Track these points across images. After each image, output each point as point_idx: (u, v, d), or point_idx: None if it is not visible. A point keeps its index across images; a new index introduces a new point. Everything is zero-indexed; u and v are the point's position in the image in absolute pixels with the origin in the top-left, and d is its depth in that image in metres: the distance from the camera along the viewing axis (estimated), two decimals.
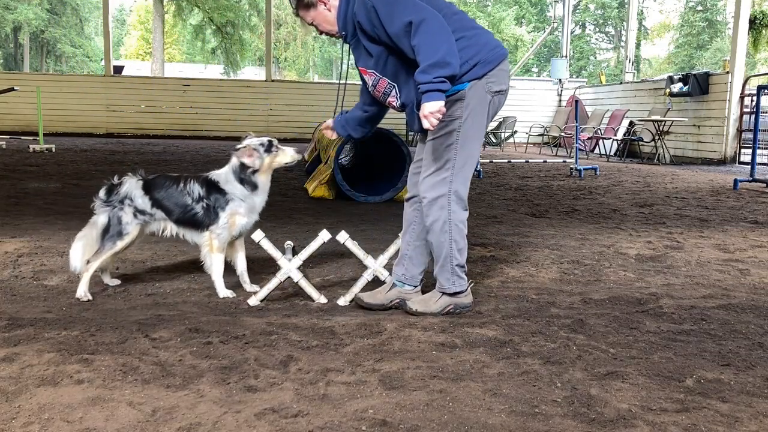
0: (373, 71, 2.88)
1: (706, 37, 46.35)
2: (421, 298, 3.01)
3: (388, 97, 2.92)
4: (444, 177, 2.85)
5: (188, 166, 9.76)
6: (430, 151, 2.88)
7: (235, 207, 3.18)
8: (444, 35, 2.60)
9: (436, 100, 2.59)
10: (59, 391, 2.04)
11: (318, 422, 1.88)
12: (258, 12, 34.60)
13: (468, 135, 2.84)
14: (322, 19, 2.88)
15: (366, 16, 2.72)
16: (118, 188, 3.21)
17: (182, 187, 3.19)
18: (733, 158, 12.64)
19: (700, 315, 2.96)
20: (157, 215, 3.20)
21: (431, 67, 2.57)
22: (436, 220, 2.87)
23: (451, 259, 2.91)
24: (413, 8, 2.63)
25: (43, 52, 48.20)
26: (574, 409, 2.00)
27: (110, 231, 3.16)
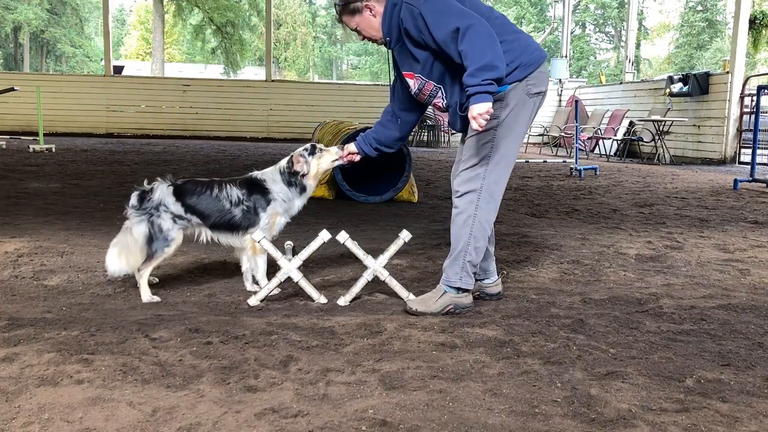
0: (420, 75, 2.95)
1: (706, 37, 46.36)
2: (420, 298, 3.02)
3: (435, 99, 3.01)
4: (478, 173, 2.93)
5: (188, 166, 9.76)
6: (469, 147, 2.97)
7: (276, 207, 3.25)
8: (490, 40, 2.68)
9: (484, 101, 2.67)
10: (59, 391, 2.04)
11: (318, 422, 1.88)
12: (258, 12, 34.61)
13: (505, 134, 2.91)
14: (367, 25, 2.95)
15: (413, 22, 2.80)
16: (150, 195, 3.19)
17: (217, 192, 3.21)
18: (733, 158, 12.63)
19: (700, 315, 2.96)
20: (193, 221, 3.21)
21: (479, 70, 2.64)
22: (461, 212, 2.95)
23: (465, 254, 2.95)
24: (460, 15, 2.71)
25: (43, 52, 48.20)
26: (574, 409, 2.00)
27: (156, 239, 3.14)
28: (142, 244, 3.14)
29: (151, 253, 3.14)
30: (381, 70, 50.90)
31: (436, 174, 9.77)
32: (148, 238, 3.14)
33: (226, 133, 18.08)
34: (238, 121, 18.29)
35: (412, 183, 6.74)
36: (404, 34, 2.87)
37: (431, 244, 4.53)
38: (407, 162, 6.67)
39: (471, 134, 2.95)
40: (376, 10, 2.89)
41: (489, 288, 3.22)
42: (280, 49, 46.60)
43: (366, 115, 18.08)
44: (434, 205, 6.52)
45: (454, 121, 3.05)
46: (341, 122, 9.76)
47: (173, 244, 3.18)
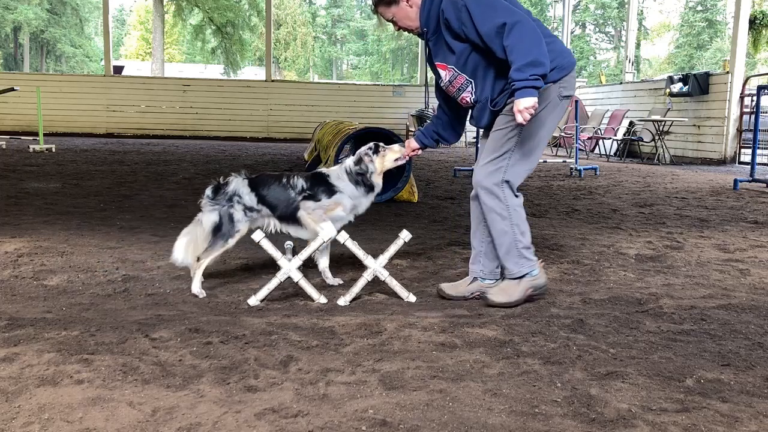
0: (453, 67, 2.98)
1: (706, 37, 46.36)
2: (499, 289, 3.08)
3: (463, 93, 3.04)
4: (500, 166, 2.97)
5: (188, 166, 9.76)
6: (492, 141, 3.00)
7: (341, 199, 3.28)
8: (536, 38, 2.74)
9: (530, 96, 2.72)
10: (59, 391, 2.04)
11: (318, 422, 1.88)
12: (258, 12, 34.62)
13: (531, 132, 2.96)
14: (403, 16, 3.00)
15: (455, 14, 2.84)
16: (224, 187, 3.25)
17: (285, 182, 3.28)
18: (733, 158, 12.63)
19: (700, 315, 2.95)
20: (263, 211, 3.28)
21: (526, 66, 2.69)
22: (493, 208, 3.00)
23: (516, 243, 3.02)
24: (506, 11, 2.76)
25: (43, 52, 48.20)
26: (574, 409, 2.00)
27: (222, 229, 3.20)
28: (207, 232, 3.21)
29: (214, 241, 3.20)
30: (381, 70, 50.93)
31: (436, 174, 9.76)
32: (215, 227, 3.21)
33: (226, 133, 18.08)
34: (238, 121, 18.29)
35: (412, 183, 6.74)
36: (443, 25, 2.91)
37: (431, 244, 4.53)
38: (407, 162, 6.66)
39: (497, 128, 2.99)
40: (413, 1, 2.95)
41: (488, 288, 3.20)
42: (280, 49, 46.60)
43: (366, 115, 18.08)
44: (434, 205, 6.52)
45: (481, 116, 3.08)
46: (341, 122, 9.76)
47: (237, 235, 3.24)
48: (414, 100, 18.63)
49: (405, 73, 49.75)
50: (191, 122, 18.16)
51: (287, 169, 9.84)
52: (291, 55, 48.05)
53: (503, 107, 2.99)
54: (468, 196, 3.61)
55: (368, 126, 7.48)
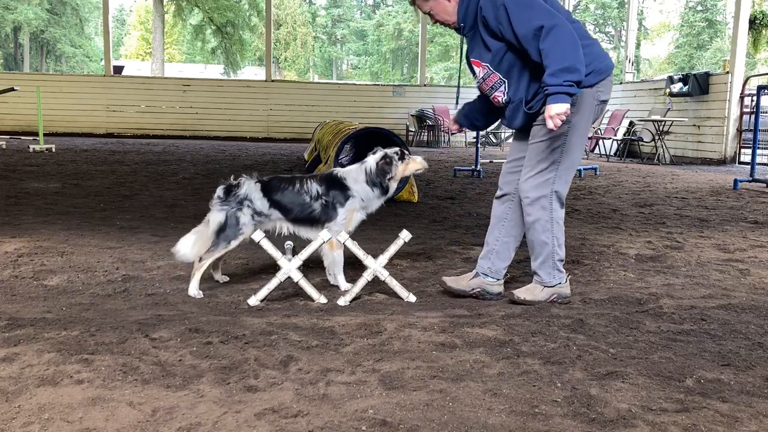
0: (487, 65, 2.99)
1: (706, 37, 46.35)
2: (527, 288, 3.14)
3: (495, 92, 3.05)
4: (548, 178, 2.99)
5: (188, 166, 9.76)
6: (536, 152, 3.01)
7: (354, 204, 3.31)
8: (573, 43, 2.73)
9: (563, 102, 2.72)
10: (59, 391, 2.04)
11: (318, 422, 1.88)
12: (258, 12, 34.61)
13: (574, 139, 2.98)
14: (441, 9, 3.01)
15: (494, 12, 2.84)
16: (236, 189, 3.25)
17: (299, 187, 3.30)
18: (733, 158, 12.63)
19: (700, 315, 2.95)
20: (273, 216, 3.30)
21: (561, 71, 2.69)
22: (538, 219, 3.03)
23: (554, 255, 3.08)
24: (545, 14, 2.75)
25: (43, 52, 48.20)
26: (574, 409, 2.00)
27: (226, 230, 3.21)
28: (212, 232, 3.22)
29: (216, 242, 3.21)
30: (381, 70, 50.93)
31: (436, 174, 9.76)
32: (220, 228, 3.21)
33: (226, 133, 18.08)
34: (238, 121, 18.29)
35: (412, 183, 6.74)
36: (481, 23, 2.92)
37: (431, 245, 4.53)
38: None
39: (540, 139, 2.99)
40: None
41: (488, 286, 3.24)
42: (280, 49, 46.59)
43: (366, 115, 18.08)
44: (434, 205, 6.52)
45: (514, 117, 3.08)
46: (341, 122, 9.76)
47: (241, 238, 3.24)
48: (414, 100, 18.63)
49: (405, 73, 49.76)
50: (191, 122, 18.16)
51: (287, 169, 9.84)
52: (291, 55, 48.04)
53: (539, 111, 2.98)
54: (468, 196, 3.61)
55: (368, 126, 7.48)
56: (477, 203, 6.59)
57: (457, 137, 18.10)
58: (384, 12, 52.23)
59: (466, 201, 6.76)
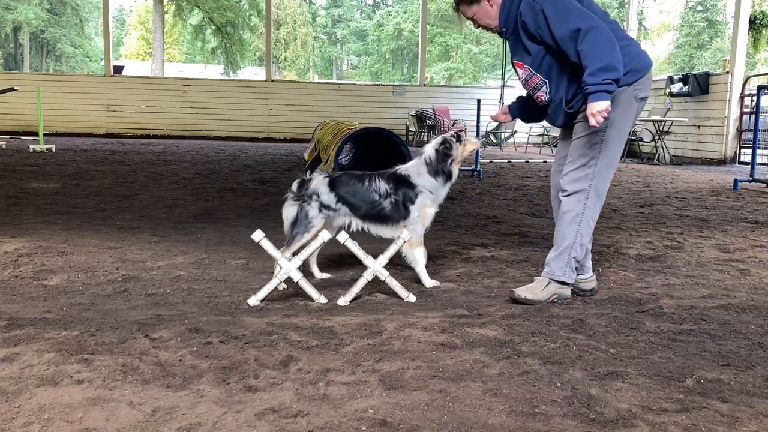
0: (529, 67, 3.09)
1: (706, 37, 46.36)
2: (528, 286, 3.15)
3: (538, 92, 3.14)
4: (587, 173, 3.05)
5: (188, 166, 9.76)
6: (576, 148, 3.09)
7: (424, 199, 3.38)
8: (611, 43, 2.81)
9: (603, 100, 2.79)
10: (59, 391, 2.04)
11: (318, 422, 1.88)
12: (258, 12, 34.62)
13: (613, 135, 3.04)
14: (484, 15, 3.12)
15: (532, 17, 2.93)
16: (308, 183, 3.38)
17: (367, 184, 3.37)
18: (733, 158, 12.63)
19: (700, 315, 2.95)
20: (342, 211, 3.38)
21: (599, 70, 2.77)
22: (569, 210, 3.08)
23: (571, 251, 3.10)
24: (582, 16, 2.84)
25: (43, 52, 48.20)
26: (574, 409, 2.00)
27: (298, 224, 3.35)
28: (287, 227, 3.38)
29: (292, 236, 3.34)
30: (381, 70, 50.92)
31: None
32: (293, 222, 3.36)
33: (226, 133, 18.08)
34: (238, 121, 18.29)
35: None
36: (521, 27, 3.01)
37: (431, 245, 4.53)
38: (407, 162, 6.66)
39: (579, 135, 3.07)
40: (494, 0, 3.06)
41: (584, 283, 3.29)
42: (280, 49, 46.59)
43: (366, 115, 18.08)
44: None
45: (556, 116, 3.17)
46: (341, 122, 9.76)
47: (312, 230, 3.34)
48: (414, 100, 18.63)
49: (405, 73, 49.74)
50: (191, 122, 18.16)
51: (287, 169, 9.84)
52: (291, 55, 48.04)
53: (579, 110, 3.07)
54: (468, 196, 3.62)
55: (368, 126, 7.48)
56: (477, 203, 6.59)
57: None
58: (384, 12, 52.24)
59: (466, 201, 6.75)
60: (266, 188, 7.54)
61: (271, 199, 6.63)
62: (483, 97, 12.01)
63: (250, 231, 3.25)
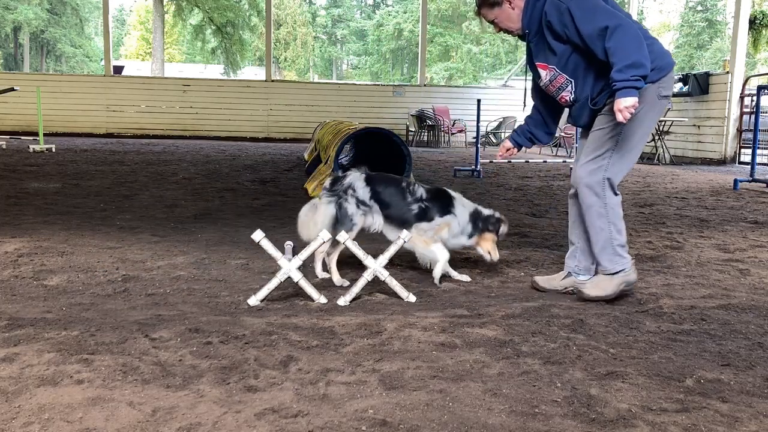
0: (554, 67, 3.10)
1: (706, 37, 46.38)
2: (593, 284, 3.17)
3: (563, 92, 3.15)
4: (600, 165, 3.07)
5: (188, 166, 9.76)
6: (593, 140, 3.10)
7: (450, 221, 3.44)
8: (638, 41, 2.83)
9: (631, 96, 2.81)
10: (59, 391, 2.04)
11: (318, 422, 1.88)
12: (258, 12, 34.63)
13: (631, 130, 3.04)
14: (505, 17, 3.13)
15: (558, 17, 2.95)
16: (342, 180, 3.42)
17: (405, 186, 3.44)
18: (733, 158, 12.63)
19: (700, 315, 2.96)
20: (374, 208, 3.42)
21: (627, 67, 2.79)
22: (591, 205, 3.10)
23: (612, 240, 3.11)
24: (609, 14, 2.87)
25: (43, 52, 48.20)
26: (574, 409, 2.00)
27: (341, 223, 3.38)
28: (328, 226, 3.36)
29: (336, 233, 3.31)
30: (381, 70, 50.91)
31: (436, 174, 9.76)
32: (334, 219, 3.38)
33: (226, 133, 18.08)
34: (238, 121, 18.29)
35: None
36: (546, 27, 3.02)
37: None
38: (407, 162, 6.67)
39: (599, 127, 3.08)
40: (515, 3, 3.08)
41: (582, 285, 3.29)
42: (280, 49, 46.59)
43: (366, 115, 18.08)
44: None
45: (580, 115, 3.18)
46: (341, 122, 9.76)
47: (356, 229, 3.39)
48: (414, 100, 18.64)
49: (405, 73, 49.74)
50: (191, 122, 18.16)
51: (287, 169, 9.84)
52: (291, 55, 48.04)
53: (603, 107, 3.08)
54: (468, 197, 3.63)
55: (368, 126, 7.48)
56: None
57: (457, 137, 18.10)
58: (384, 12, 52.24)
59: None
60: (266, 188, 7.54)
61: (271, 199, 6.63)
62: (483, 97, 12.02)
63: (250, 231, 3.25)
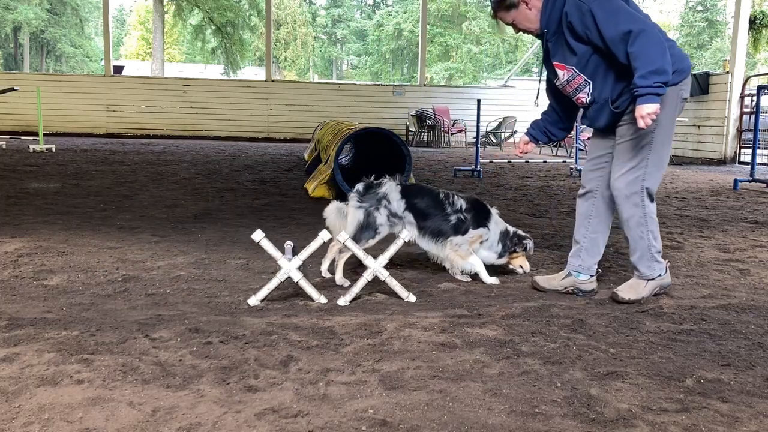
0: (572, 68, 3.10)
1: (706, 37, 46.37)
2: (628, 286, 3.20)
3: (579, 93, 3.16)
4: (638, 175, 3.09)
5: (188, 166, 9.76)
6: (625, 151, 3.11)
7: (484, 234, 3.48)
8: (661, 47, 2.83)
9: (653, 102, 2.81)
10: (59, 391, 2.04)
11: (318, 422, 1.88)
12: (258, 12, 34.62)
13: (662, 135, 3.08)
14: (523, 18, 3.14)
15: (579, 17, 2.95)
16: (376, 188, 3.41)
17: (443, 198, 3.49)
18: (733, 158, 12.64)
19: (700, 315, 2.96)
20: (407, 218, 3.43)
21: (650, 73, 2.79)
22: (632, 216, 3.12)
23: (650, 248, 3.16)
24: (632, 19, 2.86)
25: (43, 52, 48.19)
26: (574, 409, 2.00)
27: (366, 229, 3.40)
28: (352, 230, 3.39)
29: (357, 240, 3.34)
30: (381, 70, 50.91)
31: (436, 174, 9.76)
32: (359, 226, 3.40)
33: (226, 133, 18.08)
34: (238, 121, 18.29)
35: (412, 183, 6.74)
36: (566, 27, 3.02)
37: None
38: (407, 162, 6.67)
39: (627, 138, 3.09)
40: (533, 3, 3.08)
41: (584, 285, 3.34)
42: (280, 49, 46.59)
43: (366, 115, 18.08)
44: None
45: (598, 117, 3.18)
46: (341, 122, 9.76)
47: (378, 237, 3.44)
48: (414, 100, 18.64)
49: (405, 73, 49.74)
50: (191, 122, 18.16)
51: (287, 169, 9.84)
52: (291, 55, 48.04)
53: (624, 111, 3.08)
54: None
55: (368, 126, 7.48)
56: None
57: (457, 137, 18.11)
58: (384, 12, 52.23)
59: None
60: (266, 188, 7.54)
61: (271, 199, 6.63)
62: (483, 98, 12.02)
63: (250, 231, 3.25)
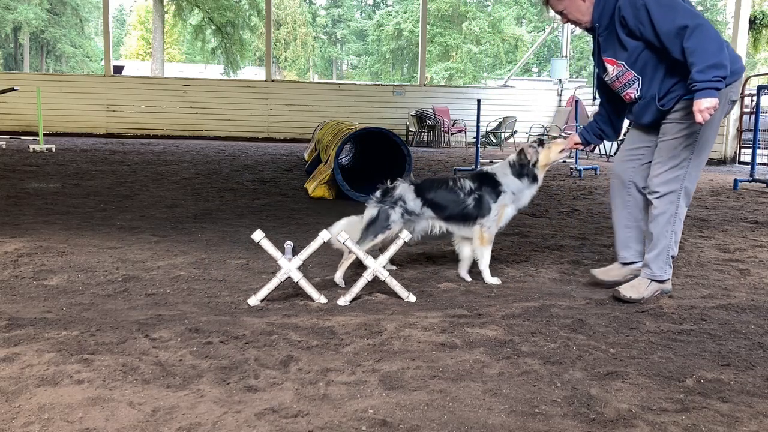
0: (622, 63, 3.09)
1: None
2: (631, 285, 3.21)
3: (628, 89, 3.15)
4: (678, 174, 3.08)
5: (188, 166, 9.76)
6: (668, 149, 3.10)
7: (505, 199, 3.47)
8: (719, 42, 2.82)
9: (712, 97, 2.79)
10: (59, 391, 2.04)
11: (318, 422, 1.88)
12: (258, 12, 34.60)
13: (705, 136, 3.06)
14: (575, 8, 3.14)
15: (633, 12, 2.94)
16: (392, 191, 3.49)
17: (452, 185, 3.49)
18: (733, 158, 12.64)
19: (700, 315, 2.96)
20: (426, 214, 3.46)
21: (709, 68, 2.77)
22: (663, 212, 3.12)
23: (668, 250, 3.17)
24: (688, 14, 2.84)
25: (43, 52, 48.19)
26: (574, 409, 2.00)
27: (375, 224, 3.42)
28: (362, 227, 3.43)
29: (365, 235, 3.39)
30: (381, 70, 50.91)
31: (436, 174, 9.76)
32: (370, 222, 3.44)
33: (226, 133, 18.08)
34: (238, 121, 18.29)
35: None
36: (618, 22, 3.01)
37: (431, 244, 4.53)
38: (407, 162, 6.67)
39: (672, 136, 3.08)
40: None
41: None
42: (280, 49, 46.59)
43: (366, 115, 18.08)
44: None
45: (643, 113, 3.18)
46: (341, 122, 9.76)
47: (388, 232, 3.43)
48: (414, 100, 18.64)
49: (405, 73, 49.73)
50: (191, 122, 18.16)
51: (287, 169, 9.84)
52: (291, 55, 48.04)
53: (671, 109, 3.07)
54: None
55: (368, 126, 7.48)
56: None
57: (457, 137, 18.11)
58: (384, 12, 52.22)
59: None
60: (266, 188, 7.54)
61: (271, 199, 6.63)
62: (483, 98, 12.02)
63: (250, 231, 3.25)
